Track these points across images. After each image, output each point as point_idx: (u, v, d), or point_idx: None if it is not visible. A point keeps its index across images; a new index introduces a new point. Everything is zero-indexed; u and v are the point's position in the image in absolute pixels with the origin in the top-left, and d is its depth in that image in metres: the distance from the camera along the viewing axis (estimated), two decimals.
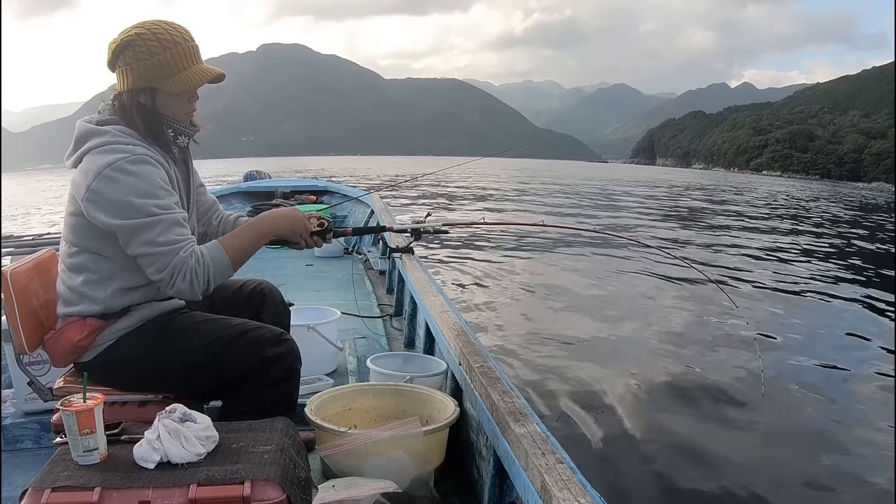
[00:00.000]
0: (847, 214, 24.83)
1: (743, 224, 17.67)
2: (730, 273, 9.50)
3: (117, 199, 1.49)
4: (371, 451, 1.80)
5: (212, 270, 1.59)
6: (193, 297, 1.60)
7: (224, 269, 1.63)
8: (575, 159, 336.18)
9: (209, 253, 1.61)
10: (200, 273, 1.57)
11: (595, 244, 11.53)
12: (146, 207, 1.50)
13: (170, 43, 1.57)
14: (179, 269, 1.54)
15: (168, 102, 1.62)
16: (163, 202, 1.54)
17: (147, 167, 1.53)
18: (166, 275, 1.54)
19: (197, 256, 1.57)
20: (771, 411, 4.26)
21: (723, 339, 5.89)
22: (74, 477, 1.22)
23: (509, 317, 6.53)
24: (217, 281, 1.62)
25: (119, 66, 1.58)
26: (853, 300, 8.07)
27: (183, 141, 1.70)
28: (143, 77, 1.57)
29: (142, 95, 1.59)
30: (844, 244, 14.41)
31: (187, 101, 1.66)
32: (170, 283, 1.55)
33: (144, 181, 1.52)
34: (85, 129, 1.59)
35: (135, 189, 1.50)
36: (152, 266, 1.54)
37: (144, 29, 1.57)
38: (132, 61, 1.56)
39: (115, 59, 1.59)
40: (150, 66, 1.56)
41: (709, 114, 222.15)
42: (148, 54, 1.55)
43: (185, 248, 1.55)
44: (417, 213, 14.76)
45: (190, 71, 1.60)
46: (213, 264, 1.60)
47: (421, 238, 3.76)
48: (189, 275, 1.55)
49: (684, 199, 28.25)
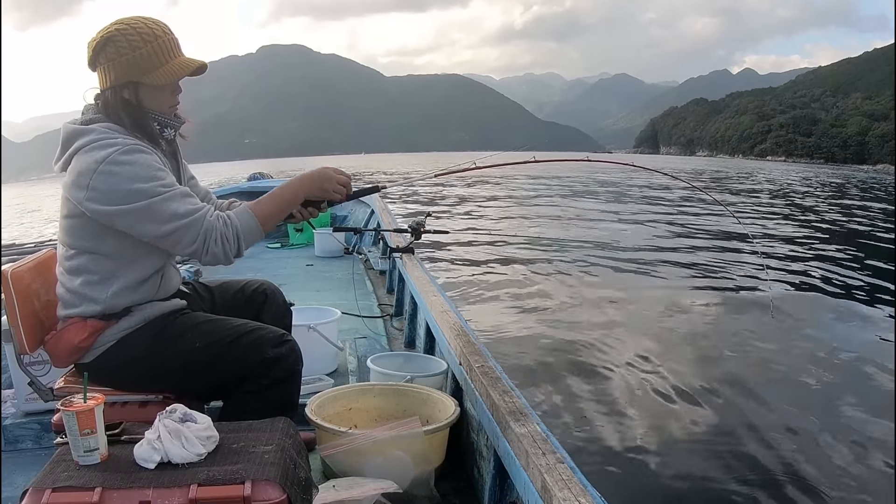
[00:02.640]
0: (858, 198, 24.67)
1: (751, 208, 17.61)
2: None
3: (120, 188, 1.49)
4: (371, 451, 1.80)
5: (241, 233, 1.60)
6: (227, 261, 1.61)
7: (254, 231, 1.64)
8: (578, 150, 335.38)
9: (236, 214, 1.62)
10: (230, 236, 1.58)
11: (596, 243, 11.54)
12: (152, 189, 1.51)
13: (150, 36, 1.57)
14: (210, 234, 1.55)
15: (152, 96, 1.61)
16: (166, 181, 1.55)
17: (140, 155, 1.53)
18: (199, 242, 1.55)
19: (224, 220, 1.59)
20: (772, 409, 4.25)
21: (724, 339, 5.88)
22: (75, 477, 1.22)
23: (510, 316, 6.53)
24: (248, 244, 1.63)
25: (100, 64, 1.58)
26: (854, 287, 8.06)
27: (169, 133, 1.69)
28: (125, 72, 1.57)
29: (125, 91, 1.58)
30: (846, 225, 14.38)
31: (171, 94, 1.66)
32: (204, 249, 1.56)
33: (142, 167, 1.52)
34: (71, 130, 1.58)
35: (135, 176, 1.50)
36: (183, 239, 1.55)
37: (123, 24, 1.57)
38: (114, 57, 1.56)
39: (95, 56, 1.58)
40: (132, 61, 1.56)
41: (711, 101, 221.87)
42: (129, 49, 1.55)
43: (209, 213, 1.57)
44: (417, 215, 14.74)
45: (172, 63, 1.59)
46: (242, 227, 1.61)
47: (421, 238, 3.78)
48: (220, 238, 1.56)
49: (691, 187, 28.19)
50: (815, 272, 9.37)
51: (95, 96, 1.63)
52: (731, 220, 14.03)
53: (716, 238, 12.97)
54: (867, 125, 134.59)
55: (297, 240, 6.38)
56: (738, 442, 3.80)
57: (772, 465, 3.49)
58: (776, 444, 3.73)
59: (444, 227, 12.69)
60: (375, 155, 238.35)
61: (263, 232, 1.68)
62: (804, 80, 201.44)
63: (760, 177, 44.24)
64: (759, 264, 9.12)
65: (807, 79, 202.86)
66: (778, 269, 9.56)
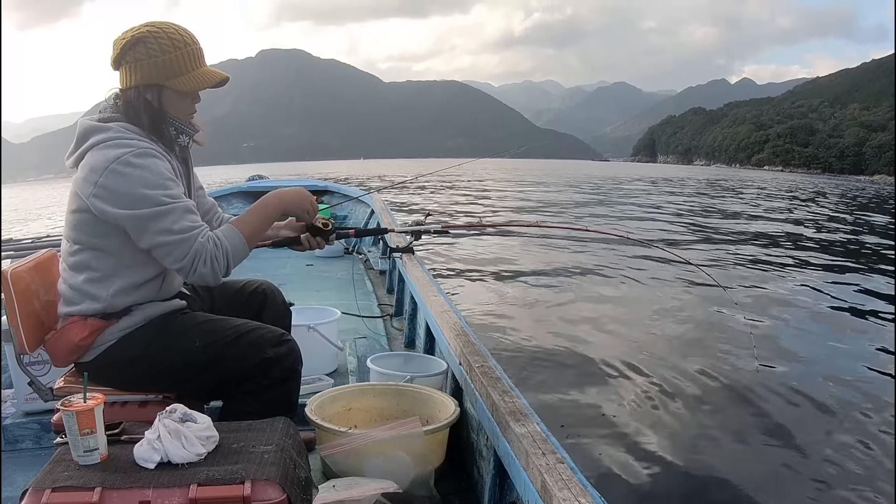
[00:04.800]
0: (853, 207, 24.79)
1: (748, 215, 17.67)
2: (733, 272, 9.50)
3: (126, 191, 1.50)
4: (371, 451, 1.80)
5: (230, 252, 1.62)
6: (216, 281, 1.63)
7: (241, 250, 1.67)
8: (576, 158, 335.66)
9: (225, 235, 1.63)
10: (220, 256, 1.59)
11: (597, 244, 11.53)
12: (157, 197, 1.51)
13: (181, 43, 1.60)
14: (200, 255, 1.56)
15: (174, 101, 1.64)
16: (172, 192, 1.55)
17: (153, 160, 1.54)
18: (187, 262, 1.55)
19: (214, 240, 1.60)
20: (771, 409, 4.25)
21: (723, 338, 5.89)
22: (75, 477, 1.22)
23: (510, 316, 6.53)
24: (235, 262, 1.65)
25: (127, 62, 1.59)
26: (853, 292, 8.07)
27: (184, 140, 1.71)
28: (152, 74, 1.58)
29: (149, 92, 1.60)
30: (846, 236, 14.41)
31: (191, 102, 1.69)
32: (191, 269, 1.56)
33: (152, 173, 1.53)
34: (88, 126, 1.59)
35: (143, 181, 1.51)
36: (171, 255, 1.55)
37: (156, 28, 1.59)
38: (143, 57, 1.57)
39: (122, 54, 1.59)
40: (161, 64, 1.58)
41: (709, 110, 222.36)
42: (160, 52, 1.57)
43: (202, 234, 1.58)
44: (418, 214, 14.79)
45: (198, 72, 1.63)
46: (231, 246, 1.63)
47: (421, 238, 3.78)
48: (209, 259, 1.57)
49: (693, 195, 28.25)
50: (814, 282, 9.38)
51: (115, 95, 1.64)
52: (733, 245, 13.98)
53: (717, 240, 13.00)
54: (864, 136, 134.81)
55: None
56: (738, 442, 3.80)
57: (773, 465, 3.48)
58: (777, 445, 3.73)
59: (444, 226, 12.67)
60: (374, 161, 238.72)
61: (248, 249, 1.70)
62: (802, 91, 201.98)
63: (755, 186, 44.15)
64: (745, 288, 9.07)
65: (805, 89, 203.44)
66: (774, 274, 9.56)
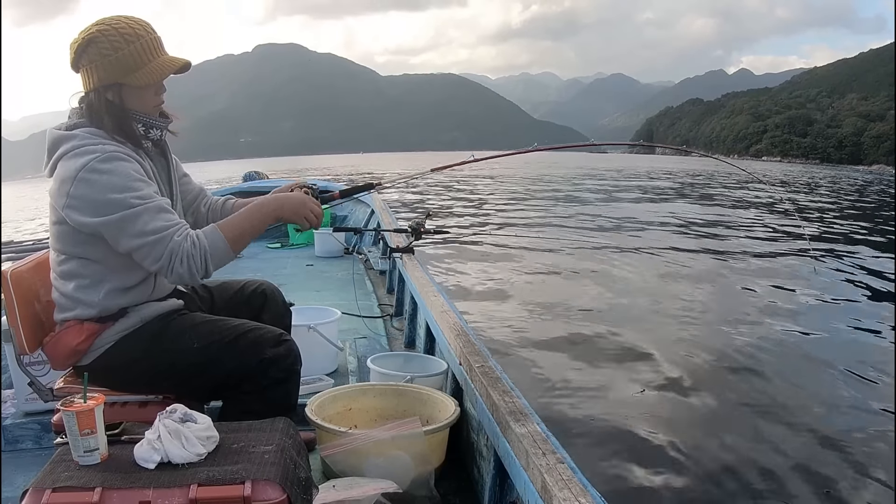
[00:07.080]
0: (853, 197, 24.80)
1: None
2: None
3: (95, 198, 1.48)
4: (371, 451, 1.80)
5: (209, 253, 1.56)
6: (193, 281, 1.59)
7: (223, 252, 1.59)
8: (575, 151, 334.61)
9: (205, 236, 1.58)
10: (197, 256, 1.54)
11: (596, 243, 11.53)
12: (126, 200, 1.49)
13: (132, 37, 1.56)
14: (176, 254, 1.52)
15: (136, 96, 1.60)
16: (141, 192, 1.52)
17: (119, 163, 1.52)
18: (164, 262, 1.52)
19: (192, 239, 1.55)
20: (776, 410, 4.25)
21: (726, 333, 5.89)
22: (75, 477, 1.22)
23: (510, 316, 6.52)
24: (216, 264, 1.59)
25: (83, 66, 1.57)
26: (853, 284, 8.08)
27: (155, 134, 1.68)
28: (108, 73, 1.56)
29: (109, 92, 1.58)
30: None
31: (155, 94, 1.64)
32: (169, 268, 1.53)
33: (118, 176, 1.50)
34: (55, 136, 1.58)
35: (111, 185, 1.49)
36: (149, 257, 1.53)
37: (105, 25, 1.56)
38: (96, 58, 1.55)
39: (78, 58, 1.57)
40: (115, 62, 1.55)
41: (707, 101, 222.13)
42: (112, 49, 1.54)
43: (178, 232, 1.54)
44: (417, 214, 14.76)
45: (155, 63, 1.58)
46: (211, 247, 1.57)
47: (421, 238, 3.78)
48: (186, 259, 1.53)
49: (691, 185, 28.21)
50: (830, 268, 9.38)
51: (80, 99, 1.62)
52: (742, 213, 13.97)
53: (718, 237, 13.00)
54: (863, 126, 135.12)
55: (297, 240, 6.38)
56: (739, 442, 3.79)
57: (773, 466, 3.48)
58: (778, 445, 3.73)
59: (444, 226, 12.70)
60: (372, 154, 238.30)
61: (233, 252, 1.63)
62: (800, 81, 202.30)
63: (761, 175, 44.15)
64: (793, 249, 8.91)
65: (803, 79, 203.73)
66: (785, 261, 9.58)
